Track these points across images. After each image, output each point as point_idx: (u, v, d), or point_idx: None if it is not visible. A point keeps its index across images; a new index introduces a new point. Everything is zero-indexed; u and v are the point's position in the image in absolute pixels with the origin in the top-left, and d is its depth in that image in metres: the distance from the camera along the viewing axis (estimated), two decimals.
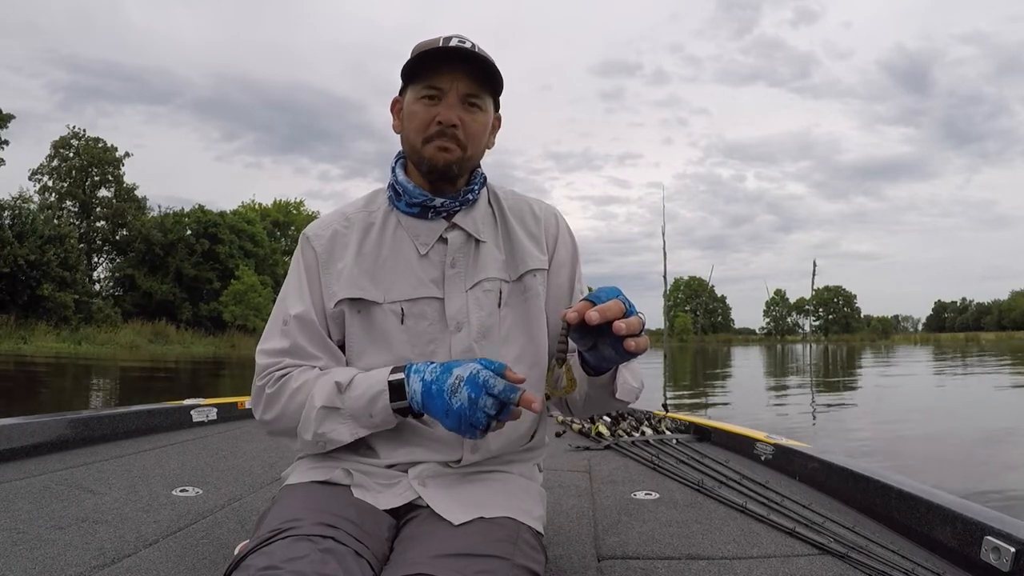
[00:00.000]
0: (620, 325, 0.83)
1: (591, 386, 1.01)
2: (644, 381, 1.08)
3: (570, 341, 0.89)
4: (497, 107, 1.13)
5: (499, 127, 1.15)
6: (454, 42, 1.03)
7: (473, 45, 1.04)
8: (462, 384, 0.90)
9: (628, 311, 0.86)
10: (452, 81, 1.03)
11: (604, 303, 0.85)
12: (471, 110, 1.05)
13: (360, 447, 1.06)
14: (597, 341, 0.89)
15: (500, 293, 1.09)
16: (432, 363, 0.97)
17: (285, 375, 1.04)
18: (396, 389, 0.97)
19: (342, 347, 1.10)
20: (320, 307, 1.08)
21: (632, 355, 0.86)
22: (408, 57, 1.06)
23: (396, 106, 1.12)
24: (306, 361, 1.05)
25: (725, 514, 1.58)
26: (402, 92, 1.10)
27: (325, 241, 1.10)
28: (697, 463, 2.08)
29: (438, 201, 1.07)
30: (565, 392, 0.91)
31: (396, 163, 1.13)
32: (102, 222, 30.25)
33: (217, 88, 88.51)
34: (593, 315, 0.83)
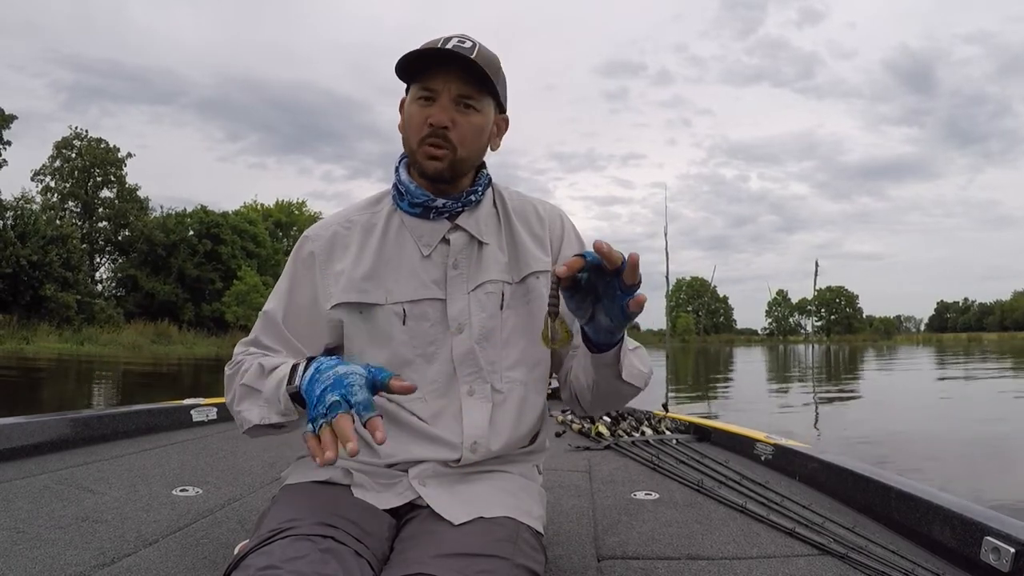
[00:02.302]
0: (633, 257, 0.82)
1: (596, 366, 0.99)
2: (652, 367, 1.07)
3: (562, 299, 0.87)
4: (502, 109, 1.11)
5: (506, 129, 1.14)
6: (453, 42, 1.02)
7: (475, 44, 1.03)
8: (332, 380, 0.86)
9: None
10: (445, 83, 1.03)
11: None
12: (465, 111, 1.04)
13: (360, 446, 1.06)
14: (594, 309, 0.89)
15: (503, 295, 1.09)
16: (337, 358, 0.93)
17: (241, 360, 1.07)
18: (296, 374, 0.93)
19: (335, 350, 1.09)
20: (303, 307, 1.08)
21: (631, 316, 0.86)
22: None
23: (402, 105, 1.12)
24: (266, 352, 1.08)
25: (725, 514, 1.58)
26: (407, 92, 1.10)
27: (324, 242, 1.10)
28: (697, 463, 2.07)
29: (439, 202, 1.07)
30: (561, 344, 0.89)
31: (400, 163, 1.12)
32: (104, 222, 30.33)
33: (219, 88, 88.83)
34: (602, 245, 0.82)
